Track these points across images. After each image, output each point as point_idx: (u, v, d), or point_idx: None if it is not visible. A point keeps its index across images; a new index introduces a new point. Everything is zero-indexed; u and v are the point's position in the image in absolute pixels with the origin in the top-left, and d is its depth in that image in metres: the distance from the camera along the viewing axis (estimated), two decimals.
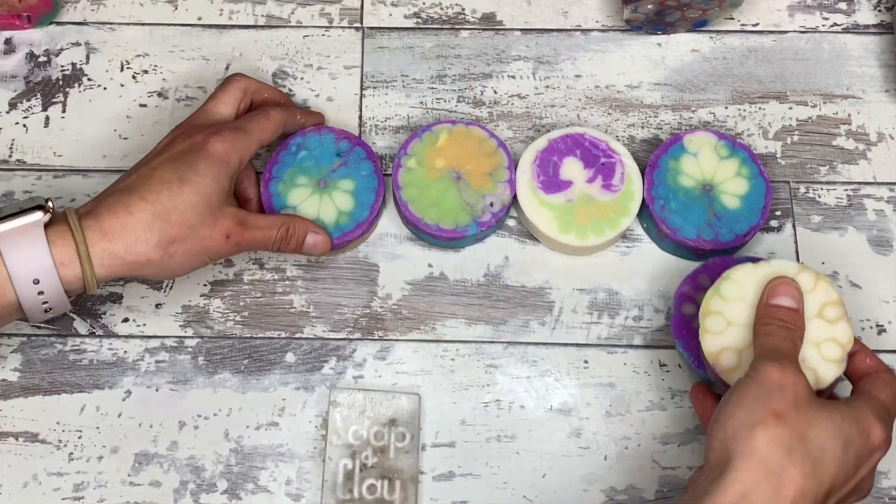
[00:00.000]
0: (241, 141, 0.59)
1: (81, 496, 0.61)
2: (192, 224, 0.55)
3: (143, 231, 0.54)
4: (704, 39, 0.74)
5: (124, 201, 0.54)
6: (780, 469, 0.47)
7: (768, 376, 0.50)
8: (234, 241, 0.58)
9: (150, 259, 0.54)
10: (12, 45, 0.73)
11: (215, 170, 0.57)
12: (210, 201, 0.56)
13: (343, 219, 0.64)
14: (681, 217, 0.65)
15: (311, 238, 0.62)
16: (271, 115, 0.62)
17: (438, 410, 0.63)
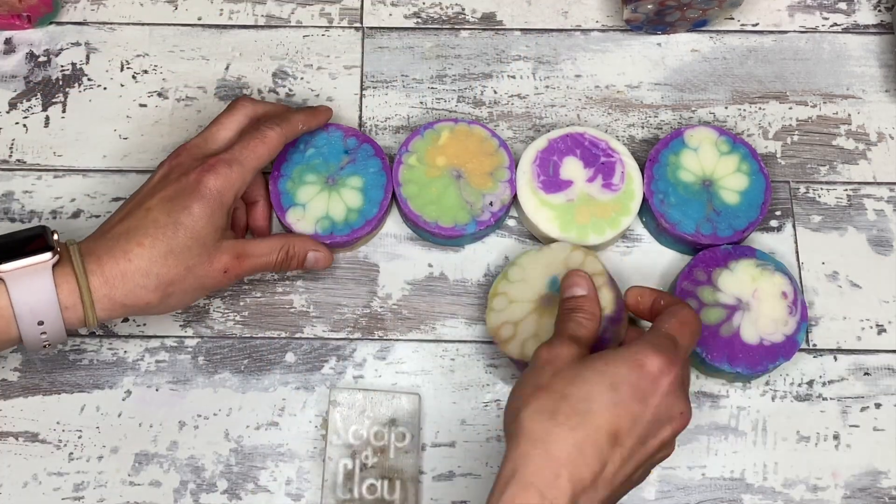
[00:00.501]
0: (235, 174, 0.57)
1: (81, 496, 0.61)
2: (188, 265, 0.56)
3: (142, 277, 0.54)
4: (704, 39, 0.74)
5: (123, 246, 0.54)
6: (545, 433, 0.48)
7: (538, 358, 0.52)
8: (232, 274, 0.58)
9: (148, 302, 0.55)
10: (12, 45, 0.73)
11: (209, 210, 0.56)
12: (206, 242, 0.56)
13: (352, 216, 0.64)
14: (680, 212, 0.65)
15: (311, 256, 0.62)
16: (267, 137, 0.60)
17: (438, 410, 0.63)
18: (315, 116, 0.64)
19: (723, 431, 0.63)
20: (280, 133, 0.60)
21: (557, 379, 0.50)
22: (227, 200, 0.57)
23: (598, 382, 0.49)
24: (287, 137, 0.61)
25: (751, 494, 0.61)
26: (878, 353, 0.65)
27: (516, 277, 0.62)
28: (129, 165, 0.69)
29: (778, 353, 0.61)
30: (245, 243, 0.59)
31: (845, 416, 0.63)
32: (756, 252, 0.64)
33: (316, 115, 0.65)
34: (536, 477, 0.47)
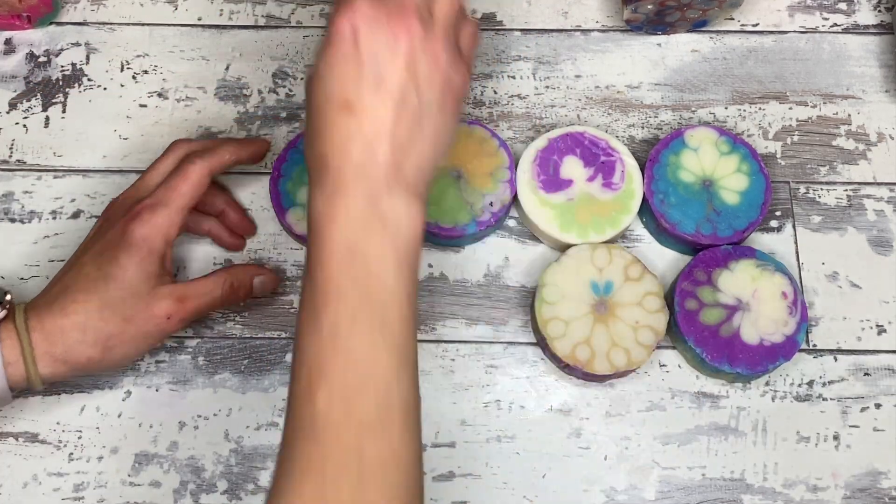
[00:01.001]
0: (160, 218, 0.56)
1: (81, 496, 0.60)
2: (125, 317, 0.55)
3: (80, 333, 0.54)
4: (704, 39, 0.74)
5: (60, 303, 0.54)
6: None
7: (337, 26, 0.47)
8: (177, 319, 0.57)
9: (90, 358, 0.55)
10: (12, 45, 0.73)
11: (137, 259, 0.55)
12: (139, 291, 0.55)
13: None
14: (680, 212, 0.65)
15: (257, 281, 0.61)
16: (188, 174, 0.58)
17: (438, 410, 0.63)
18: (245, 147, 0.62)
19: (723, 432, 0.63)
20: (202, 166, 0.58)
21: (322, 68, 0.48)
22: (155, 246, 0.56)
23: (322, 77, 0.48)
24: (212, 170, 0.59)
25: (751, 495, 0.61)
26: (878, 354, 0.65)
27: (554, 297, 0.62)
28: (129, 165, 0.69)
29: (778, 354, 0.61)
30: (185, 285, 0.57)
31: (845, 417, 0.63)
32: (756, 252, 0.64)
33: (246, 145, 0.62)
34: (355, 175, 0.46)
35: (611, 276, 0.63)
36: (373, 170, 0.46)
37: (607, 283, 0.62)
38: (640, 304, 0.62)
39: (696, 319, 0.62)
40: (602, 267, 0.63)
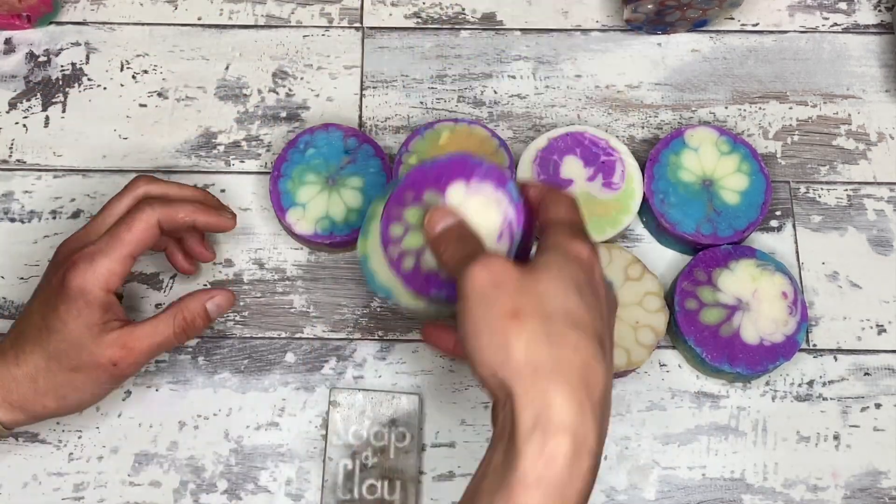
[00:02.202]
0: (99, 268, 0.54)
1: (81, 496, 0.60)
2: (71, 367, 0.53)
3: (31, 383, 0.53)
4: (704, 39, 0.74)
5: (13, 352, 0.54)
6: (555, 360, 0.42)
7: (476, 283, 0.45)
8: (125, 365, 0.54)
9: (45, 406, 0.54)
10: (12, 45, 0.73)
11: (75, 310, 0.53)
12: (81, 342, 0.53)
13: (352, 216, 0.64)
14: (680, 211, 0.65)
15: (211, 305, 0.57)
16: (133, 223, 0.55)
17: (438, 410, 0.63)
18: (206, 213, 0.58)
19: (723, 431, 0.63)
20: (150, 216, 0.55)
21: (525, 300, 0.44)
22: (94, 297, 0.53)
23: (566, 291, 0.44)
24: (161, 221, 0.56)
25: (751, 495, 0.61)
26: (878, 354, 0.65)
27: None
28: (129, 165, 0.69)
29: (778, 354, 0.61)
30: (132, 329, 0.54)
31: (845, 417, 0.63)
32: (756, 252, 0.64)
33: (208, 212, 0.58)
34: (564, 414, 0.41)
35: (611, 276, 0.63)
36: None
37: (607, 282, 0.62)
38: (640, 303, 0.62)
39: (696, 319, 0.62)
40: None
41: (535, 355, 0.43)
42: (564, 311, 0.44)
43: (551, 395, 0.42)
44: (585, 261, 0.46)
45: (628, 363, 0.61)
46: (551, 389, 0.42)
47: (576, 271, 0.45)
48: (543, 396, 0.42)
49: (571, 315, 0.44)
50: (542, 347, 0.43)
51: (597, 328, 0.44)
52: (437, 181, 0.52)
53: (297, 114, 0.71)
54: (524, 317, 0.43)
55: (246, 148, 0.70)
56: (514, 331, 0.43)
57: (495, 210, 0.52)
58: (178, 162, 0.69)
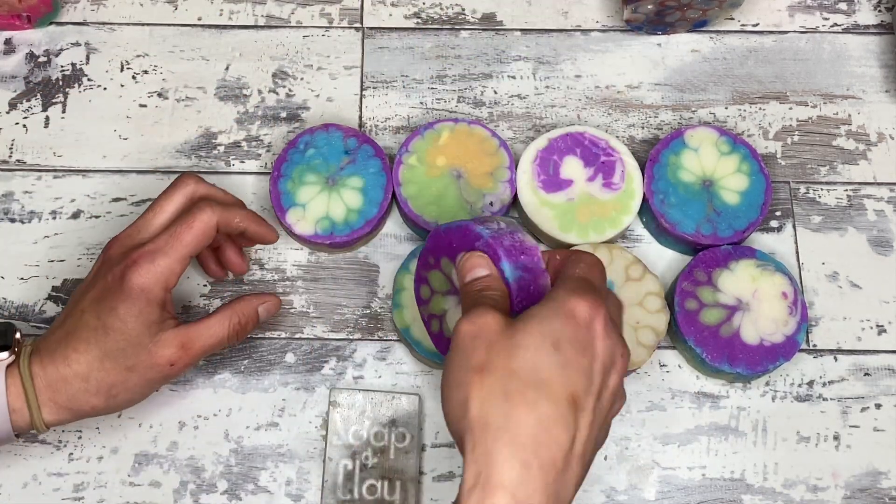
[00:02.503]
0: (160, 267, 0.54)
1: (81, 496, 0.60)
2: (128, 366, 0.53)
3: (81, 382, 0.53)
4: (704, 39, 0.74)
5: (62, 351, 0.53)
6: (505, 418, 0.42)
7: (460, 336, 0.45)
8: (181, 365, 0.55)
9: (93, 406, 0.54)
10: (12, 45, 0.73)
11: (136, 309, 0.53)
12: (140, 341, 0.53)
13: (352, 216, 0.64)
14: (680, 212, 0.65)
15: (262, 310, 0.59)
16: (194, 223, 0.55)
17: (438, 411, 0.63)
18: (259, 223, 0.59)
19: (723, 432, 0.63)
20: (210, 216, 0.55)
21: (494, 354, 0.44)
22: (154, 296, 0.54)
23: (539, 347, 0.44)
24: (220, 224, 0.56)
25: (751, 495, 0.61)
26: (878, 354, 0.65)
27: None
28: (129, 165, 0.69)
29: (778, 354, 0.61)
30: (188, 329, 0.55)
31: (845, 417, 0.63)
32: (756, 252, 0.64)
33: (259, 220, 0.59)
34: (504, 475, 0.41)
35: (612, 276, 0.63)
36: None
37: (608, 282, 0.62)
38: (640, 304, 0.62)
39: (697, 319, 0.62)
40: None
41: (487, 412, 0.43)
42: (532, 367, 0.43)
43: (494, 453, 0.42)
44: (580, 318, 0.45)
45: (629, 363, 0.60)
46: (495, 448, 0.42)
47: (560, 327, 0.44)
48: (487, 455, 0.42)
49: (538, 372, 0.43)
50: (497, 404, 0.43)
51: (569, 386, 0.43)
52: (449, 248, 0.53)
53: (297, 114, 0.71)
54: (487, 372, 0.43)
55: (246, 148, 0.70)
56: (476, 385, 0.43)
57: None
58: (178, 162, 0.69)
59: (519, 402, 0.42)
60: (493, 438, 0.42)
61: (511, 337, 0.44)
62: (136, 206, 0.68)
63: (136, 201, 0.68)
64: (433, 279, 0.55)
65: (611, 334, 0.46)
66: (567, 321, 0.45)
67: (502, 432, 0.42)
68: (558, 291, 0.46)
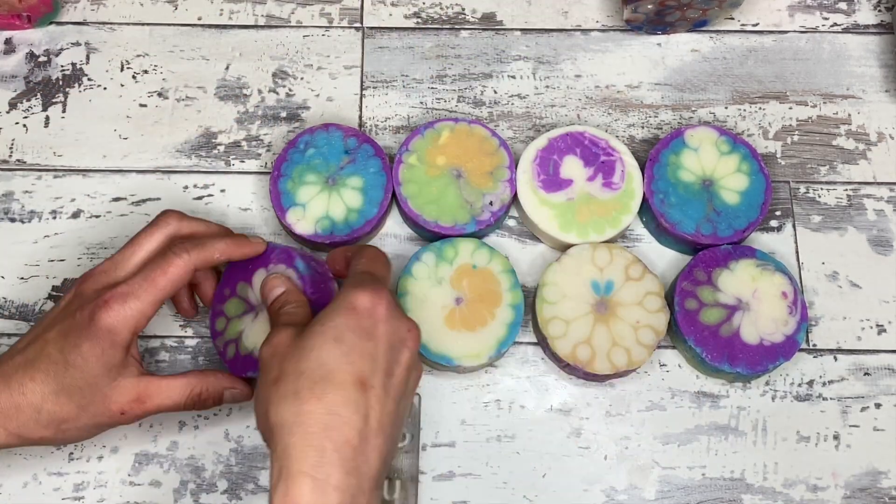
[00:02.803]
0: (129, 311, 0.53)
1: (81, 496, 0.60)
2: (80, 405, 0.53)
3: (34, 412, 0.52)
4: (704, 39, 0.74)
5: (19, 379, 0.52)
6: (296, 416, 0.46)
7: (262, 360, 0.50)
8: (132, 416, 0.55)
9: (42, 437, 0.53)
10: (12, 45, 0.73)
11: (100, 350, 0.53)
12: (97, 382, 0.53)
13: (352, 216, 0.64)
14: (680, 211, 0.65)
15: (227, 394, 0.58)
16: (170, 267, 0.55)
17: (438, 410, 0.63)
18: (239, 246, 0.58)
19: (723, 431, 0.63)
20: (187, 261, 0.55)
21: (286, 363, 0.49)
22: (120, 339, 0.53)
23: (322, 344, 0.48)
24: (197, 265, 0.56)
25: (751, 494, 0.61)
26: (878, 353, 0.65)
27: (555, 297, 0.62)
28: (129, 165, 0.69)
29: (778, 353, 0.61)
30: (148, 382, 0.55)
31: (845, 417, 0.63)
32: (756, 252, 0.64)
33: (240, 244, 0.59)
34: (302, 462, 0.45)
35: (612, 276, 0.63)
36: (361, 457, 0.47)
37: (608, 282, 0.62)
38: (640, 303, 0.62)
39: (696, 319, 0.62)
40: (603, 266, 0.63)
41: (281, 414, 0.47)
42: (317, 364, 0.48)
43: (290, 447, 0.46)
44: (361, 309, 0.50)
45: (628, 363, 0.61)
46: (290, 443, 0.46)
47: (343, 321, 0.49)
48: (285, 450, 0.46)
49: (323, 367, 0.48)
50: (289, 405, 0.47)
51: (354, 372, 0.48)
52: (244, 272, 0.59)
53: (297, 114, 0.71)
54: (280, 381, 0.48)
55: (246, 148, 0.70)
56: (273, 396, 0.48)
57: None
58: (178, 162, 0.69)
59: (308, 398, 0.47)
60: (288, 434, 0.46)
61: (300, 344, 0.49)
62: (135, 206, 0.68)
63: (135, 201, 0.68)
64: (228, 308, 0.60)
65: (394, 316, 0.51)
66: (349, 314, 0.49)
67: (296, 427, 0.46)
68: (342, 289, 0.51)
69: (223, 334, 0.59)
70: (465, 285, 0.62)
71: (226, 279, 0.60)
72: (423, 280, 0.62)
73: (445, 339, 0.61)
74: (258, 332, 0.58)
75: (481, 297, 0.62)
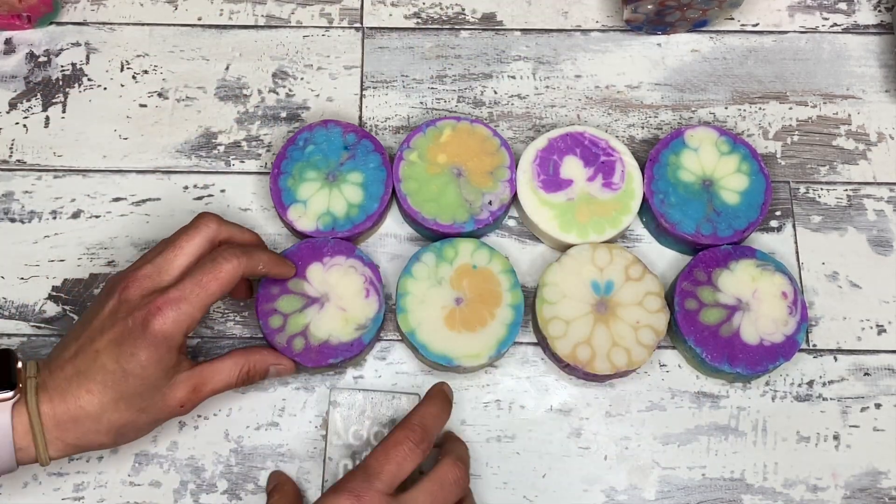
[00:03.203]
0: (183, 316, 0.53)
1: (81, 496, 0.60)
2: (141, 408, 0.54)
3: (93, 423, 0.53)
4: (704, 39, 0.74)
5: (74, 391, 0.52)
6: None
7: None
8: (190, 406, 0.56)
9: (102, 444, 0.54)
10: (12, 45, 0.73)
11: (157, 355, 0.53)
12: (157, 385, 0.54)
13: (353, 211, 0.64)
14: (680, 212, 0.65)
15: (273, 370, 0.60)
16: (222, 272, 0.55)
17: None
18: (279, 265, 0.60)
19: (723, 431, 0.63)
20: (237, 267, 0.55)
21: None
22: (175, 343, 0.54)
23: None
24: (245, 273, 0.56)
25: (751, 495, 0.61)
26: (878, 354, 0.65)
27: (555, 297, 0.62)
28: (129, 165, 0.69)
29: (778, 354, 0.61)
30: (201, 371, 0.56)
31: (845, 417, 0.63)
32: (756, 252, 0.64)
33: (279, 263, 0.60)
34: None
35: (612, 276, 0.63)
36: None
37: (608, 282, 0.62)
38: (640, 303, 0.62)
39: (696, 319, 0.62)
40: (603, 267, 0.63)
41: None
42: None
43: None
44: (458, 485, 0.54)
45: (628, 363, 0.61)
46: None
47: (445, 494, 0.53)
48: None
49: None
50: None
51: None
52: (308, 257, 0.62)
53: (297, 114, 0.71)
54: None
55: (246, 148, 0.70)
56: None
57: (354, 274, 0.62)
58: (178, 162, 0.69)
59: None
60: None
61: None
62: (135, 206, 0.68)
63: (136, 201, 0.68)
64: (282, 305, 0.61)
65: None
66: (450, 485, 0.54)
67: None
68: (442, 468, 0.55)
69: (283, 330, 0.60)
70: (465, 285, 0.62)
71: (269, 279, 0.61)
72: (423, 280, 0.62)
73: (445, 340, 0.61)
74: (329, 321, 0.61)
75: (481, 298, 0.62)
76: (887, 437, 0.63)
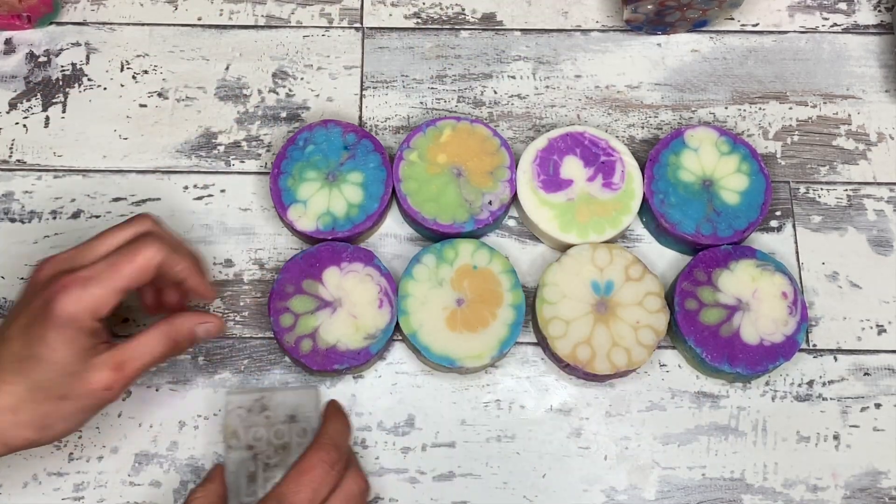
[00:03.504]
0: (90, 296, 0.50)
1: (81, 496, 0.60)
2: (60, 395, 0.50)
3: (12, 415, 0.50)
4: (704, 39, 0.74)
5: None
6: None
7: None
8: (118, 388, 0.52)
9: (26, 438, 0.51)
10: (12, 45, 0.73)
11: (65, 337, 0.50)
12: (72, 369, 0.50)
13: (353, 211, 0.64)
14: (680, 212, 0.65)
15: (201, 329, 0.56)
16: (138, 255, 0.52)
17: (438, 410, 0.63)
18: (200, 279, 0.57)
19: (723, 431, 0.63)
20: (155, 254, 0.52)
21: None
22: (83, 324, 0.50)
23: None
24: (165, 263, 0.53)
25: (751, 494, 0.61)
26: (878, 354, 0.65)
27: (555, 297, 0.62)
28: (129, 165, 0.69)
29: (778, 354, 0.61)
30: (121, 349, 0.52)
31: (845, 417, 0.63)
32: (756, 252, 0.64)
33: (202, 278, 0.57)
34: None
35: (612, 276, 0.63)
36: None
37: (608, 282, 0.62)
38: (640, 303, 0.62)
39: (696, 319, 0.62)
40: (603, 267, 0.63)
41: None
42: None
43: None
44: None
45: (628, 363, 0.61)
46: None
47: None
48: None
49: None
50: None
51: None
52: (312, 270, 0.62)
53: (297, 114, 0.71)
54: None
55: (246, 148, 0.70)
56: None
57: (370, 283, 0.62)
58: (178, 162, 0.69)
59: None
60: None
61: None
62: (136, 206, 0.68)
63: (135, 201, 0.68)
64: (295, 305, 0.61)
65: None
66: None
67: None
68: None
69: (292, 330, 0.61)
70: (466, 286, 0.62)
71: (284, 277, 0.62)
72: (424, 282, 0.62)
73: (447, 341, 0.61)
74: (339, 326, 0.61)
75: (482, 298, 0.62)
76: (887, 437, 0.63)
